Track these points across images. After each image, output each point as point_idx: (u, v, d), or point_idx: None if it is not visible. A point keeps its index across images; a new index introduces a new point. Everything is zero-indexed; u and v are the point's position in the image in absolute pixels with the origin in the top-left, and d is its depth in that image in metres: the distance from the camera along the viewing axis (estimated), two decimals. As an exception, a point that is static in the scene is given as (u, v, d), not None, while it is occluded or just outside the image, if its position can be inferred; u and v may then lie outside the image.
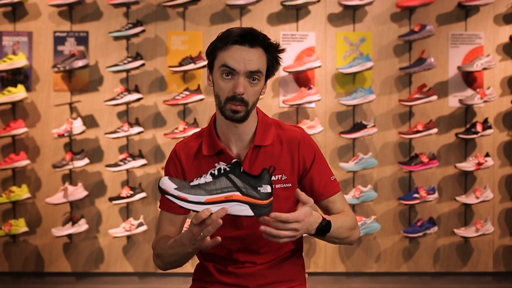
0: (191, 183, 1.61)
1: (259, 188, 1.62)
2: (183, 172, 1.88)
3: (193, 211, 1.60)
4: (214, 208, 1.58)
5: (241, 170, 1.63)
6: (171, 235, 1.87)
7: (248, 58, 1.75)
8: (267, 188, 1.63)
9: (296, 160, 1.86)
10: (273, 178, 1.83)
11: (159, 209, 1.93)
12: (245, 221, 1.82)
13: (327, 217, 1.75)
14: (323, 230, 1.73)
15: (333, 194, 1.90)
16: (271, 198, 1.64)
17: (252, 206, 1.61)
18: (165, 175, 1.91)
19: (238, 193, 1.61)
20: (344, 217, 1.85)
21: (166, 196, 1.60)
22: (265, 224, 1.64)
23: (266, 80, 1.83)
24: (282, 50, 1.83)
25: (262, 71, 1.78)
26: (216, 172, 1.62)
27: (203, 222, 1.58)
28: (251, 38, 1.76)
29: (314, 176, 1.87)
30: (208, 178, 1.62)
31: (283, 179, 1.84)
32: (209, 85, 1.85)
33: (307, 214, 1.66)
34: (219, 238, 1.62)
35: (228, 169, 1.62)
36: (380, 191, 4.78)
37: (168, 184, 1.60)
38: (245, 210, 1.61)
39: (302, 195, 1.66)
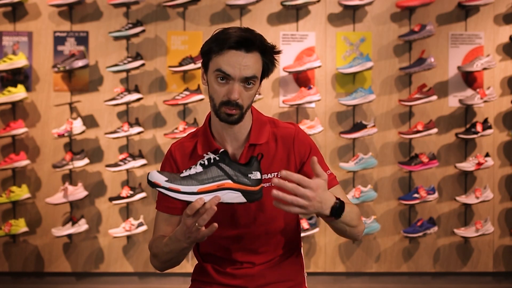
0: (182, 175, 1.62)
1: (249, 175, 1.64)
2: (179, 172, 1.87)
3: (187, 201, 1.60)
4: (207, 197, 1.59)
5: (230, 159, 1.65)
6: (167, 235, 1.86)
7: (244, 63, 1.73)
8: (257, 175, 1.65)
9: (292, 156, 1.85)
10: (269, 176, 1.82)
11: (156, 210, 1.93)
12: (243, 220, 1.82)
13: (340, 199, 1.69)
14: (338, 211, 1.66)
15: (331, 187, 1.86)
16: (262, 184, 1.67)
17: (244, 193, 1.63)
18: None
19: (229, 181, 1.62)
20: (351, 204, 1.81)
21: (158, 189, 1.59)
22: (277, 188, 1.58)
23: (261, 81, 1.82)
24: (279, 52, 1.81)
25: (257, 75, 1.76)
26: (206, 162, 1.63)
27: (197, 212, 1.58)
28: (248, 43, 1.73)
29: (310, 171, 1.86)
30: (198, 168, 1.63)
31: (279, 177, 1.83)
32: (204, 84, 1.84)
33: (321, 186, 1.60)
34: (215, 225, 1.60)
35: (217, 158, 1.64)
36: (380, 191, 4.78)
37: (158, 177, 1.59)
38: (237, 197, 1.63)
39: (317, 167, 1.60)
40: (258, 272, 1.85)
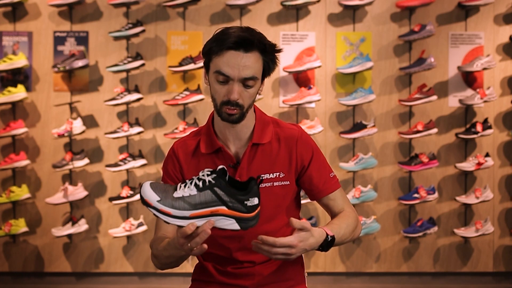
0: (175, 194, 1.54)
1: (245, 202, 1.56)
2: (181, 170, 1.88)
3: (178, 226, 1.55)
4: (199, 222, 1.53)
5: (227, 179, 1.57)
6: (168, 234, 1.86)
7: (243, 63, 1.73)
8: (254, 201, 1.57)
9: (294, 158, 1.86)
10: (271, 176, 1.83)
11: None
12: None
13: (330, 231, 1.74)
14: (327, 246, 1.72)
15: (333, 191, 1.89)
16: (258, 209, 1.60)
17: (239, 220, 1.56)
18: (163, 174, 1.91)
19: (224, 208, 1.55)
20: (346, 220, 1.84)
21: (149, 208, 1.54)
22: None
23: (263, 80, 1.83)
24: (279, 51, 1.81)
25: (257, 76, 1.76)
26: (201, 184, 1.55)
27: (190, 236, 1.55)
28: (246, 43, 1.73)
29: (313, 174, 1.87)
30: (192, 190, 1.54)
31: (281, 177, 1.84)
32: (206, 84, 1.85)
33: (303, 239, 1.65)
34: (205, 246, 1.58)
35: (213, 181, 1.55)
36: (380, 191, 4.78)
37: (150, 195, 1.53)
38: (231, 224, 1.56)
39: (295, 222, 1.64)
40: (259, 271, 1.85)
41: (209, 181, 1.55)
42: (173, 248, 1.69)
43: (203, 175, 1.56)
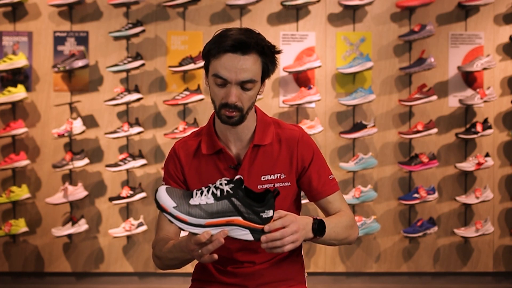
0: (191, 201, 1.56)
1: (261, 214, 1.58)
2: (183, 170, 1.88)
3: (192, 233, 1.56)
4: (213, 230, 1.55)
5: (243, 188, 1.58)
6: (170, 235, 1.87)
7: (240, 66, 1.72)
8: (269, 213, 1.59)
9: (294, 159, 1.86)
10: (272, 177, 1.83)
11: None
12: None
13: (317, 218, 1.74)
14: (319, 230, 1.71)
15: (331, 193, 1.89)
16: (272, 221, 1.61)
17: (253, 231, 1.58)
18: (164, 174, 1.92)
19: (239, 218, 1.57)
20: (339, 217, 1.84)
21: (164, 214, 1.55)
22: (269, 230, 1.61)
23: (263, 81, 1.82)
24: (278, 52, 1.80)
25: (255, 78, 1.76)
26: (218, 193, 1.57)
27: (202, 243, 1.56)
28: (243, 46, 1.72)
29: (313, 175, 1.87)
30: (209, 198, 1.56)
31: (281, 178, 1.85)
32: (206, 85, 1.85)
33: (296, 217, 1.65)
34: (215, 256, 1.59)
35: (231, 191, 1.57)
36: (380, 191, 4.78)
37: (166, 201, 1.54)
38: (245, 235, 1.58)
39: (276, 223, 1.61)
40: (259, 271, 1.86)
41: (227, 190, 1.57)
42: (180, 251, 1.69)
43: (220, 184, 1.58)
